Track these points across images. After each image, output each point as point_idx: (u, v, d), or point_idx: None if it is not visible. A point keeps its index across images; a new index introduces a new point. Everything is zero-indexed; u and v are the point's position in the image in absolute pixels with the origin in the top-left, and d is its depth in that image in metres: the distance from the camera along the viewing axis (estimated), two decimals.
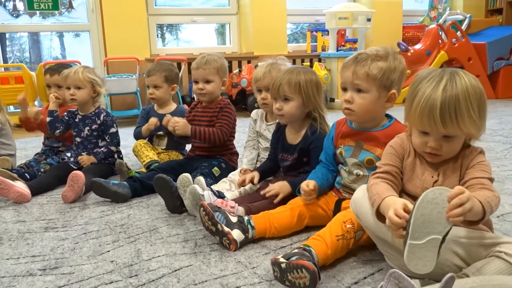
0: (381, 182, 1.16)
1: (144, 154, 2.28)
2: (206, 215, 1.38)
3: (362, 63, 1.34)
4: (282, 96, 1.66)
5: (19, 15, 4.97)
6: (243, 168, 2.01)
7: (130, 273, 1.27)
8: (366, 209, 1.17)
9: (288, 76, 1.65)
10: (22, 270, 1.31)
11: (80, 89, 2.26)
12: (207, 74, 2.06)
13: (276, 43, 5.17)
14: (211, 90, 2.08)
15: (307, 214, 1.49)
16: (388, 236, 1.13)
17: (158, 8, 5.09)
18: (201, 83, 2.08)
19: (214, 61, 2.07)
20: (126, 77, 4.35)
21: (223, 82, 2.12)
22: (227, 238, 1.36)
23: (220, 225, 1.36)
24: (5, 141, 2.31)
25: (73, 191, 1.92)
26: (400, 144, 1.23)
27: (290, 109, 1.66)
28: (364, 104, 1.36)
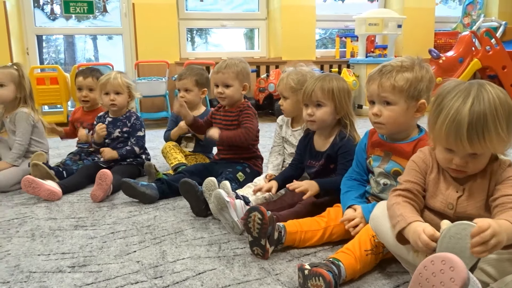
0: (404, 203, 1.13)
1: (173, 156, 2.32)
2: (260, 224, 1.33)
3: (387, 75, 1.33)
4: (314, 101, 1.66)
5: (56, 18, 5.14)
6: (269, 173, 2.01)
7: (155, 274, 1.29)
8: (385, 227, 1.15)
9: (321, 83, 1.65)
10: (52, 267, 1.36)
11: (119, 94, 2.32)
12: (226, 79, 2.08)
13: (304, 48, 5.16)
14: (230, 94, 2.10)
15: (338, 234, 1.47)
16: (408, 256, 1.11)
17: (188, 12, 5.17)
18: (221, 87, 2.10)
19: (234, 66, 2.09)
20: (155, 80, 4.43)
21: (244, 86, 2.12)
22: (263, 253, 1.36)
23: (265, 241, 1.35)
24: (38, 139, 2.38)
25: (102, 189, 1.97)
26: (423, 159, 1.19)
27: (322, 115, 1.65)
28: (393, 116, 1.35)
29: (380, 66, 1.38)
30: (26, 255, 1.44)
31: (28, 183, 1.97)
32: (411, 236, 1.02)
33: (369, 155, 1.51)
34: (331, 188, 1.62)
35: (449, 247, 0.93)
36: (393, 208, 1.13)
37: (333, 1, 5.81)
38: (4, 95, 2.29)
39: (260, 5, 5.38)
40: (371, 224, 1.22)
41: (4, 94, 2.29)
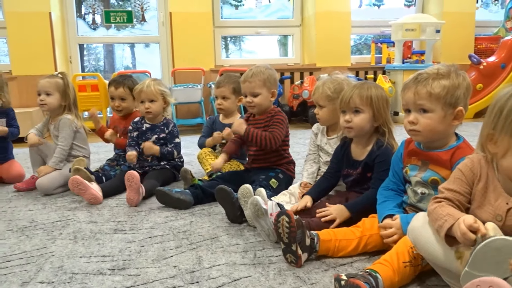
0: (447, 205, 1.11)
1: (208, 162, 2.36)
2: (288, 228, 1.34)
3: (423, 82, 1.31)
4: (352, 108, 1.64)
5: (97, 28, 5.34)
6: (303, 181, 2.00)
7: (191, 279, 1.31)
8: (426, 238, 1.12)
9: (359, 89, 1.63)
10: (94, 269, 1.40)
11: (153, 102, 2.38)
12: (253, 88, 2.09)
13: (339, 54, 5.13)
14: (259, 103, 2.10)
15: (373, 244, 1.45)
16: (452, 265, 1.08)
17: (224, 20, 5.25)
18: (249, 96, 2.11)
19: (260, 73, 2.09)
20: (191, 87, 4.51)
21: (272, 93, 2.13)
22: (295, 259, 1.36)
23: (296, 245, 1.35)
24: (80, 144, 2.48)
25: (133, 190, 2.03)
26: (470, 168, 1.15)
27: (360, 121, 1.63)
28: (430, 124, 1.32)
29: (415, 74, 1.36)
30: (69, 257, 1.50)
31: (76, 183, 2.05)
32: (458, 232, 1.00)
33: (405, 164, 1.49)
34: (363, 207, 1.60)
35: (487, 257, 0.91)
36: (436, 210, 1.10)
37: (369, 7, 5.75)
38: (50, 103, 2.40)
39: (295, 12, 5.39)
40: (410, 236, 1.19)
41: (50, 102, 2.40)
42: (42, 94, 2.40)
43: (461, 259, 1.04)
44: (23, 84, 4.50)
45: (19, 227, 1.82)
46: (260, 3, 5.50)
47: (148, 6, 5.24)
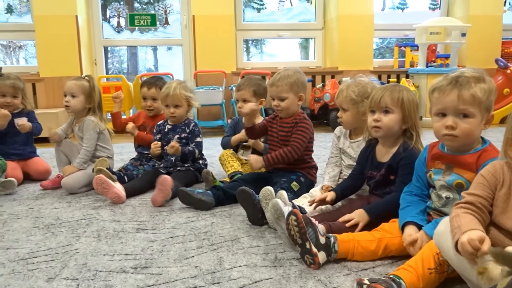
0: (464, 214, 1.09)
1: (230, 164, 2.37)
2: (297, 226, 1.36)
3: (466, 86, 1.27)
4: (382, 107, 1.61)
5: (121, 31, 5.44)
6: (325, 184, 1.99)
7: (212, 279, 1.32)
8: (450, 243, 1.10)
9: (391, 91, 1.62)
10: (117, 267, 1.42)
11: (178, 107, 2.41)
12: (280, 92, 2.08)
13: (361, 58, 5.08)
14: (286, 107, 2.10)
15: (393, 248, 1.43)
16: (472, 275, 1.05)
17: (246, 23, 5.27)
18: (276, 100, 2.11)
19: (287, 77, 2.08)
20: (213, 89, 4.54)
21: (300, 97, 2.12)
22: (312, 259, 1.35)
23: (310, 243, 1.35)
24: (104, 145, 2.53)
25: (162, 194, 2.05)
26: (492, 173, 1.14)
27: (389, 121, 1.61)
28: (469, 128, 1.29)
29: (451, 76, 1.32)
30: (92, 254, 1.52)
31: (100, 182, 2.09)
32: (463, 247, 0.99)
33: (429, 168, 1.46)
34: (384, 211, 1.57)
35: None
36: (452, 221, 1.10)
37: (392, 10, 5.69)
38: (74, 105, 2.46)
39: (317, 15, 5.37)
40: (435, 240, 1.17)
41: (74, 104, 2.45)
42: (67, 95, 2.45)
43: (482, 275, 1.02)
44: (50, 86, 4.61)
45: (45, 224, 1.86)
46: (282, 6, 5.50)
47: (172, 9, 5.32)
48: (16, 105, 2.65)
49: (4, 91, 2.61)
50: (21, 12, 5.01)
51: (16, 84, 2.62)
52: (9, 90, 2.61)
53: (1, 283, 1.33)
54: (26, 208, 2.10)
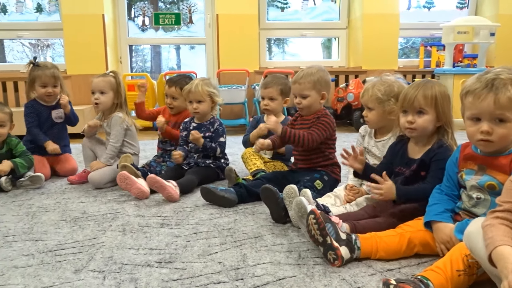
0: (498, 225, 1.06)
1: (252, 162, 2.37)
2: (316, 223, 1.37)
3: (503, 89, 1.21)
4: (416, 108, 1.58)
5: (146, 30, 5.51)
6: (349, 184, 1.97)
7: (236, 276, 1.32)
8: (481, 244, 1.07)
9: (424, 89, 1.57)
10: (142, 260, 1.44)
11: (201, 102, 2.43)
12: (302, 89, 2.07)
13: (386, 58, 5.01)
14: (307, 105, 2.09)
15: (417, 242, 1.42)
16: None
17: (269, 22, 5.27)
18: (298, 97, 2.10)
19: (310, 75, 2.07)
20: (235, 88, 4.56)
21: (322, 95, 2.10)
22: (335, 253, 1.34)
23: (330, 238, 1.35)
24: (131, 141, 2.57)
25: (169, 189, 2.08)
26: None
27: (424, 122, 1.57)
28: (506, 133, 1.25)
29: (483, 79, 1.26)
30: (118, 248, 1.55)
31: (123, 179, 2.13)
32: (497, 262, 0.97)
33: (460, 169, 1.43)
34: (413, 198, 1.55)
35: None
36: (485, 230, 1.07)
37: (418, 9, 5.59)
38: (104, 102, 2.50)
39: (341, 14, 5.32)
40: (466, 242, 1.14)
41: (104, 100, 2.50)
42: (96, 92, 2.49)
43: None
44: (76, 83, 4.70)
45: (72, 218, 1.90)
46: (306, 6, 5.47)
47: (196, 8, 5.36)
48: (56, 94, 2.69)
49: (46, 81, 2.61)
50: (50, 11, 5.14)
51: (56, 73, 2.65)
52: (50, 80, 2.62)
53: (31, 273, 1.36)
54: (54, 202, 2.15)
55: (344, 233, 1.41)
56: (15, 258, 1.48)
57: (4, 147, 2.44)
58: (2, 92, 4.69)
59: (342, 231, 1.41)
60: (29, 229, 1.77)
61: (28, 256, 1.50)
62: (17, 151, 2.44)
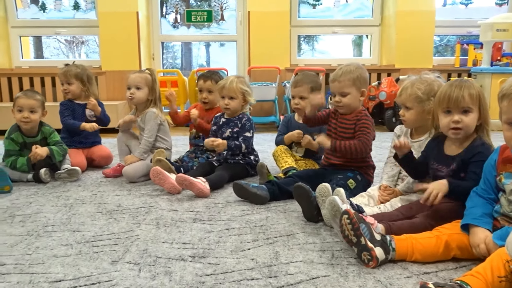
0: None
1: (283, 160, 2.36)
2: (350, 223, 1.36)
3: None
4: (462, 108, 1.53)
5: (178, 27, 5.58)
6: (383, 184, 1.94)
7: (269, 273, 1.32)
8: None
9: (468, 88, 1.53)
10: (176, 254, 1.46)
11: (233, 99, 2.45)
12: (342, 87, 2.04)
13: (420, 56, 4.90)
14: (348, 103, 2.06)
15: (454, 245, 1.38)
16: None
17: (300, 20, 5.23)
18: (338, 95, 2.07)
19: (349, 73, 2.03)
20: (266, 85, 4.56)
21: (362, 92, 2.07)
22: (369, 254, 1.32)
23: (364, 238, 1.33)
24: (164, 136, 2.61)
25: (200, 185, 2.10)
26: None
27: (470, 121, 1.53)
28: None
29: None
30: (152, 241, 1.58)
31: (156, 174, 2.17)
32: None
33: (499, 172, 1.39)
34: (464, 190, 1.49)
35: None
36: None
37: (454, 6, 5.43)
38: (138, 97, 2.55)
39: (374, 11, 5.23)
40: (508, 250, 1.11)
41: (139, 96, 2.55)
42: (132, 88, 2.55)
43: None
44: (111, 79, 4.82)
45: (107, 210, 1.95)
46: (338, 2, 5.41)
47: (228, 5, 5.38)
48: (73, 91, 2.80)
49: (60, 79, 2.81)
50: (87, 9, 5.27)
51: (68, 72, 2.78)
52: (62, 78, 2.79)
53: (70, 262, 1.41)
54: (90, 194, 2.22)
55: (379, 234, 1.39)
56: (55, 248, 1.53)
57: (39, 135, 2.52)
58: (40, 87, 4.85)
59: (377, 232, 1.39)
60: (67, 220, 1.83)
61: (67, 246, 1.54)
62: (51, 140, 2.53)
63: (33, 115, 2.44)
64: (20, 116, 2.41)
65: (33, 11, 5.24)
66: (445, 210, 1.54)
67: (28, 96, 2.44)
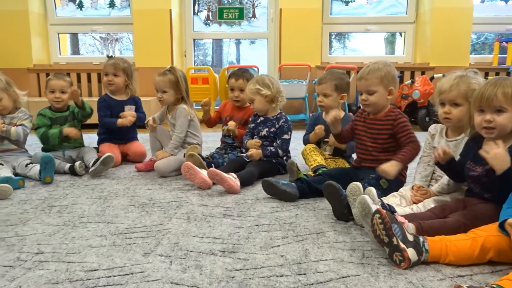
0: None
1: (313, 158, 2.35)
2: (382, 223, 1.34)
3: None
4: (495, 107, 1.49)
5: (210, 24, 5.63)
6: (416, 184, 1.90)
7: (299, 270, 1.32)
8: None
9: (502, 86, 1.48)
10: (206, 249, 1.48)
11: (253, 101, 2.49)
12: (369, 85, 2.00)
13: (456, 53, 4.77)
14: (374, 101, 2.02)
15: (491, 248, 1.33)
16: None
17: (332, 17, 5.18)
18: (364, 94, 2.03)
19: (377, 70, 1.99)
20: (296, 82, 4.54)
21: (390, 91, 2.03)
22: (401, 255, 1.30)
23: (396, 238, 1.31)
24: (194, 132, 2.65)
25: (231, 182, 2.12)
26: None
27: (504, 121, 1.48)
28: None
29: None
30: (183, 235, 1.60)
31: (187, 169, 2.20)
32: None
33: None
34: None
35: None
36: None
37: (493, 2, 5.24)
38: (166, 100, 2.62)
39: (409, 8, 5.12)
40: None
41: (166, 99, 2.62)
42: (159, 92, 2.60)
43: None
44: (143, 75, 4.92)
45: (140, 203, 2.00)
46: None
47: (259, 3, 5.38)
48: (118, 84, 2.86)
49: (107, 70, 2.85)
50: (122, 7, 5.40)
51: (116, 64, 2.83)
52: (110, 69, 2.83)
53: (104, 253, 1.45)
54: (123, 188, 2.27)
55: (412, 234, 1.36)
56: (90, 238, 1.58)
57: (67, 111, 2.72)
58: (76, 83, 5.00)
59: (409, 233, 1.37)
60: (101, 211, 1.88)
61: (101, 237, 1.59)
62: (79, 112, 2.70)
63: (64, 95, 2.64)
64: (52, 96, 2.63)
65: (71, 9, 5.42)
66: (481, 210, 1.50)
67: (59, 77, 2.64)
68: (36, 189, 2.25)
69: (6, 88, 2.45)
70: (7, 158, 2.47)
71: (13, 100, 2.50)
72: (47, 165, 2.31)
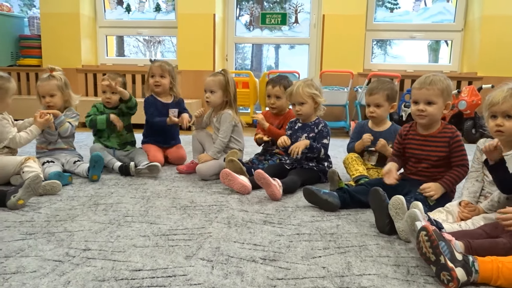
0: None
1: (354, 168, 2.31)
2: (428, 241, 1.30)
3: None
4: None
5: (252, 28, 5.67)
6: (464, 200, 1.82)
7: (341, 283, 1.30)
8: None
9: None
10: (247, 255, 1.48)
11: (303, 104, 2.46)
12: (430, 96, 1.94)
13: (506, 64, 4.57)
14: (433, 113, 1.95)
15: None
16: None
17: (376, 23, 5.09)
18: (422, 104, 1.97)
19: (439, 82, 1.94)
20: (337, 89, 4.49)
21: (446, 105, 1.97)
22: (449, 274, 1.26)
23: (444, 257, 1.27)
24: (237, 137, 2.67)
25: (275, 188, 2.11)
26: None
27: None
28: None
29: None
30: (224, 240, 1.61)
31: (225, 175, 2.22)
32: None
33: None
34: None
35: None
36: None
37: None
38: (213, 100, 2.64)
39: (457, 15, 4.96)
40: None
41: (214, 100, 2.63)
42: (207, 92, 2.63)
43: None
44: (185, 78, 5.01)
45: (181, 206, 2.03)
46: (418, 6, 5.19)
47: (302, 8, 5.37)
48: (164, 85, 2.91)
49: (153, 71, 2.91)
50: (167, 11, 5.53)
51: (163, 66, 2.90)
52: (157, 70, 2.89)
53: (148, 253, 1.48)
54: (165, 189, 2.32)
55: (460, 253, 1.31)
56: (134, 238, 1.62)
57: (116, 109, 2.83)
58: None
59: (458, 251, 1.32)
60: (144, 212, 1.93)
61: (145, 237, 1.63)
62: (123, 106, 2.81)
63: (115, 95, 2.75)
64: (104, 96, 2.77)
65: (119, 12, 5.60)
66: None
67: (112, 78, 2.74)
68: (83, 186, 2.34)
69: (63, 87, 2.56)
70: (58, 155, 2.58)
71: (64, 100, 2.61)
72: (96, 163, 2.40)
